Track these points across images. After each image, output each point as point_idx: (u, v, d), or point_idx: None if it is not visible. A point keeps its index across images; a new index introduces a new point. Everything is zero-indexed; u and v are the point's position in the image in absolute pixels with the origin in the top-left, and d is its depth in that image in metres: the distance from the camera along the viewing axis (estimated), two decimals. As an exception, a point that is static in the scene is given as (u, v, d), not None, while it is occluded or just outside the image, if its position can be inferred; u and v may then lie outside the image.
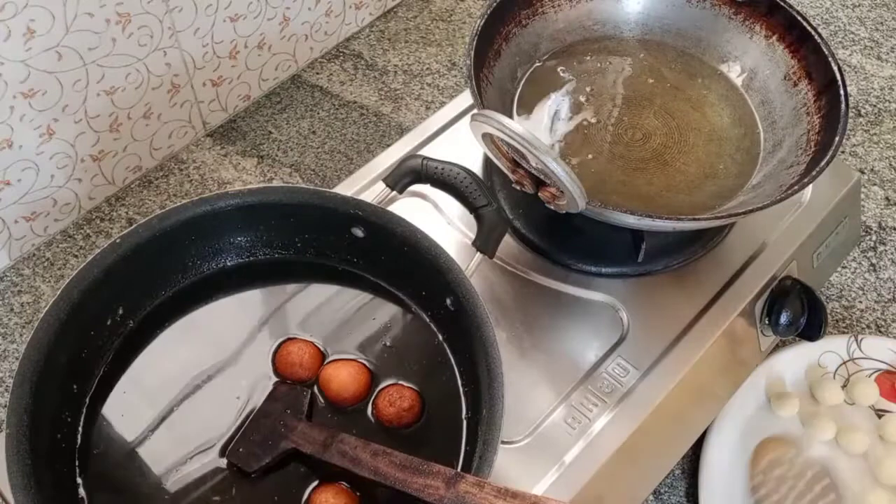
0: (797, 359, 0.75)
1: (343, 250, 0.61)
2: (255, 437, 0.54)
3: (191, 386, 0.56)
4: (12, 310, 0.76)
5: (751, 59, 0.72)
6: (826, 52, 0.67)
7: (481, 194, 0.60)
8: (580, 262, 0.66)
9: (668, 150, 0.69)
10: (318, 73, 0.94)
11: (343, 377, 0.56)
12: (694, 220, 0.61)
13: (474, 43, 0.65)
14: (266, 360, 0.58)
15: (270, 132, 0.89)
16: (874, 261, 0.84)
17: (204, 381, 0.57)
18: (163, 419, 0.55)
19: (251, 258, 0.62)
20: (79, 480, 0.52)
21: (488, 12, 0.67)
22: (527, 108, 0.71)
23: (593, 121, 0.70)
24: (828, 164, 0.61)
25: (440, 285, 0.56)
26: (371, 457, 0.49)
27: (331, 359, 0.58)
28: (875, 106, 0.96)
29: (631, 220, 0.59)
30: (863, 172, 0.90)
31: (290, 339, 0.58)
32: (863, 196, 0.87)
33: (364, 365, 0.57)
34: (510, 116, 0.69)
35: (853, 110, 0.96)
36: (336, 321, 0.60)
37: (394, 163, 0.66)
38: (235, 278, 0.61)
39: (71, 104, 0.72)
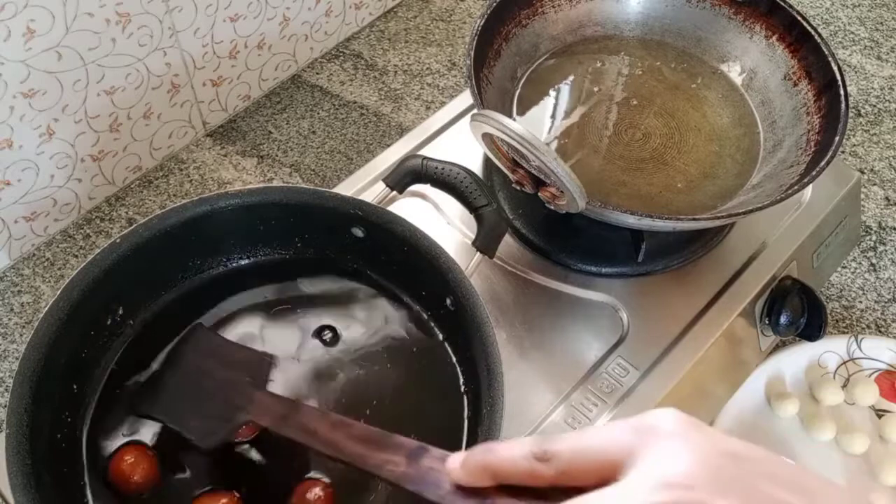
0: (797, 359, 0.75)
1: (343, 250, 0.61)
2: (210, 410, 0.50)
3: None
4: (12, 310, 0.76)
5: (751, 59, 0.72)
6: (826, 52, 0.67)
7: (481, 194, 0.60)
8: (580, 262, 0.67)
9: (668, 150, 0.69)
10: (318, 73, 0.94)
11: None
12: (694, 220, 0.61)
13: (474, 43, 0.65)
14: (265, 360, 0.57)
15: (270, 132, 0.89)
16: (874, 261, 0.84)
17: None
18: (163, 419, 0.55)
19: (251, 258, 0.62)
20: (85, 480, 0.52)
21: (488, 12, 0.67)
22: (526, 107, 0.71)
23: (593, 120, 0.70)
24: (828, 164, 0.61)
25: (440, 285, 0.56)
26: (330, 429, 0.44)
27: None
28: (875, 106, 0.96)
29: (631, 220, 0.59)
30: (863, 172, 0.90)
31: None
32: (863, 196, 0.87)
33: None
34: (510, 116, 0.69)
35: (853, 110, 0.96)
36: (335, 321, 0.60)
37: (394, 163, 0.66)
38: (235, 278, 0.61)
39: (71, 104, 0.72)
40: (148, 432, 0.54)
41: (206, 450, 0.50)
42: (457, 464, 0.35)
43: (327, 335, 0.59)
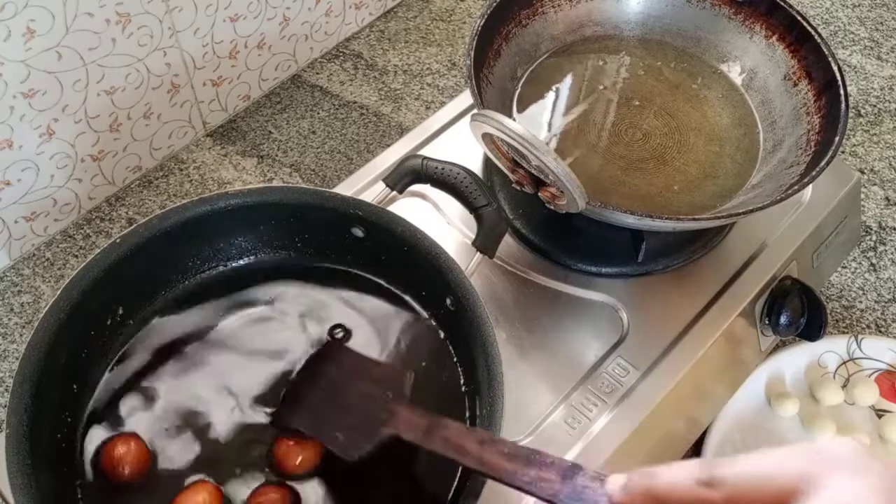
0: (797, 359, 0.75)
1: (343, 250, 0.61)
2: (352, 423, 0.50)
3: (191, 386, 0.56)
4: (12, 310, 0.76)
5: (751, 59, 0.72)
6: (826, 52, 0.67)
7: (481, 194, 0.60)
8: (580, 262, 0.66)
9: (667, 150, 0.69)
10: (318, 73, 0.94)
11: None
12: (694, 220, 0.61)
13: (474, 43, 0.65)
14: (265, 361, 0.58)
15: (270, 132, 0.89)
16: (874, 261, 0.84)
17: (203, 381, 0.57)
18: (162, 419, 0.55)
19: (251, 258, 0.62)
20: (85, 480, 0.52)
21: (488, 12, 0.67)
22: (527, 107, 0.71)
23: (593, 120, 0.70)
24: (828, 164, 0.61)
25: (440, 285, 0.56)
26: (477, 446, 0.45)
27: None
28: (875, 106, 0.96)
29: (631, 220, 0.59)
30: (863, 172, 0.90)
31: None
32: (863, 196, 0.87)
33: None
34: (510, 116, 0.69)
35: (853, 110, 0.96)
36: (335, 321, 0.60)
37: (394, 163, 0.66)
38: (235, 278, 0.61)
39: (71, 104, 0.72)
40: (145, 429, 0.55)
41: (349, 461, 0.50)
42: (618, 486, 0.36)
43: (339, 333, 0.59)
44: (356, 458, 0.50)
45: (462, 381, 0.57)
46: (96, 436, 0.54)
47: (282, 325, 0.59)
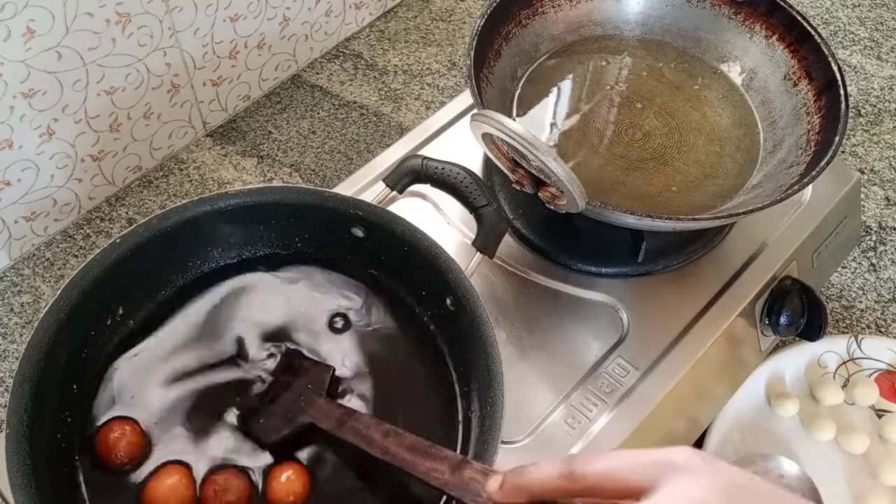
0: (797, 359, 0.75)
1: (343, 250, 0.61)
2: (275, 410, 0.55)
3: (190, 385, 0.56)
4: (12, 310, 0.76)
5: (751, 59, 0.72)
6: (826, 52, 0.67)
7: (481, 194, 0.60)
8: (580, 262, 0.67)
9: (667, 150, 0.69)
10: (318, 73, 0.94)
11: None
12: (694, 220, 0.61)
13: (474, 43, 0.65)
14: (265, 361, 0.58)
15: (270, 132, 0.89)
16: (874, 261, 0.84)
17: (203, 380, 0.57)
18: (162, 419, 0.55)
19: (251, 258, 0.62)
20: (80, 479, 0.52)
21: (488, 12, 0.67)
22: (527, 107, 0.71)
23: (593, 120, 0.70)
24: (828, 164, 0.61)
25: (440, 285, 0.56)
26: (382, 437, 0.49)
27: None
28: (875, 106, 0.96)
29: (631, 220, 0.59)
30: (863, 172, 0.90)
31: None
32: (863, 196, 0.87)
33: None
34: (510, 116, 0.69)
35: (853, 110, 0.96)
36: (334, 319, 0.60)
37: (394, 163, 0.66)
38: (235, 278, 0.61)
39: (71, 104, 0.72)
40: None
41: (267, 444, 0.54)
42: (495, 486, 0.40)
43: (339, 322, 0.59)
44: (274, 442, 0.54)
45: (462, 382, 0.57)
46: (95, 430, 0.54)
47: (279, 323, 0.59)
